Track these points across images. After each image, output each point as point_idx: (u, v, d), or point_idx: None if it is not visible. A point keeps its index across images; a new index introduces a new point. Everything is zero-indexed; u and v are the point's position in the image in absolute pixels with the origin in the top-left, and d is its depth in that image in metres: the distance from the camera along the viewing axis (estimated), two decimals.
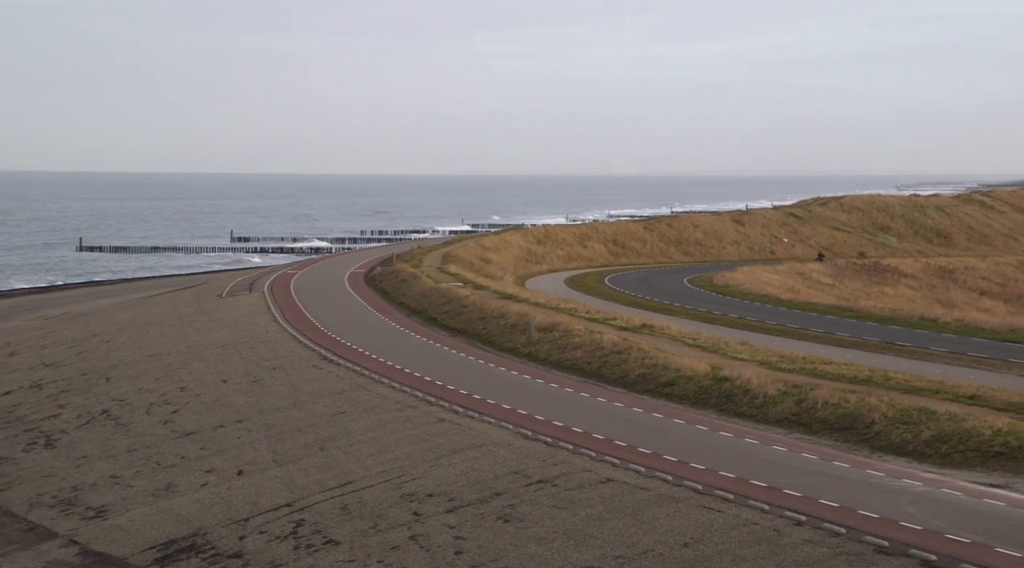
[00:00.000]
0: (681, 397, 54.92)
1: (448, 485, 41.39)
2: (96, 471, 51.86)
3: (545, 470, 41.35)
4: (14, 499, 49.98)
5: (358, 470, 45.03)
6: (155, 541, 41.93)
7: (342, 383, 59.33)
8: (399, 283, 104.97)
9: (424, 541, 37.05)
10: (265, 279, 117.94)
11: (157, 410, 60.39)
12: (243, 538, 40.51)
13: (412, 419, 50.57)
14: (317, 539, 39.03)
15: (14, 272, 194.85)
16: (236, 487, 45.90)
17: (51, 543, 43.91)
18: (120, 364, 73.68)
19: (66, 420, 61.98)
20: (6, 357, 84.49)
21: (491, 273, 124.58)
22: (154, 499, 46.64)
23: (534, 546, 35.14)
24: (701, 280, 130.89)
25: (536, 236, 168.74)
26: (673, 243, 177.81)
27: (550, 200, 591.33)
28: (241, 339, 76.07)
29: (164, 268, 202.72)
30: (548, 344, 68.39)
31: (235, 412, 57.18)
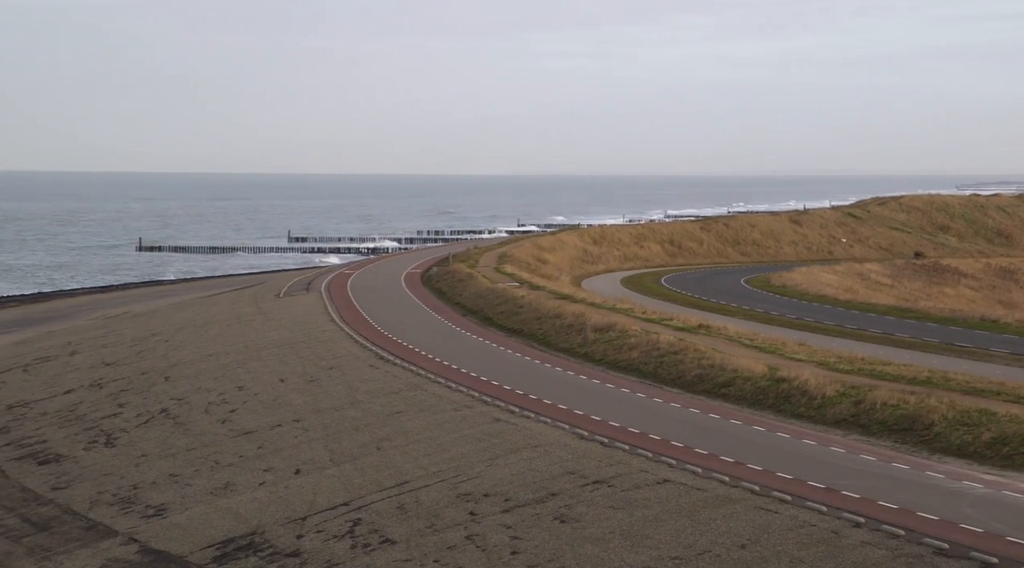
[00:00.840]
0: (738, 398, 54.66)
1: (504, 485, 41.40)
2: (155, 470, 52.27)
3: (601, 470, 41.28)
4: (75, 497, 50.46)
5: (414, 470, 45.13)
6: (213, 539, 42.20)
7: (398, 383, 59.48)
8: (455, 283, 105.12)
9: (480, 541, 37.08)
10: (322, 279, 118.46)
11: (215, 409, 60.78)
12: (300, 537, 40.70)
13: (468, 419, 50.62)
14: (374, 538, 39.16)
15: (76, 271, 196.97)
16: (293, 486, 46.12)
17: (111, 541, 44.29)
18: (179, 363, 74.24)
19: (126, 419, 62.52)
20: (68, 356, 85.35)
21: (547, 273, 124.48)
22: (212, 498, 46.94)
23: (590, 547, 35.09)
24: (758, 280, 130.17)
25: (592, 236, 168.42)
26: (730, 243, 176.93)
27: (606, 200, 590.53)
28: (298, 339, 76.44)
29: (223, 268, 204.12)
30: (604, 344, 68.26)
31: (292, 411, 57.46)
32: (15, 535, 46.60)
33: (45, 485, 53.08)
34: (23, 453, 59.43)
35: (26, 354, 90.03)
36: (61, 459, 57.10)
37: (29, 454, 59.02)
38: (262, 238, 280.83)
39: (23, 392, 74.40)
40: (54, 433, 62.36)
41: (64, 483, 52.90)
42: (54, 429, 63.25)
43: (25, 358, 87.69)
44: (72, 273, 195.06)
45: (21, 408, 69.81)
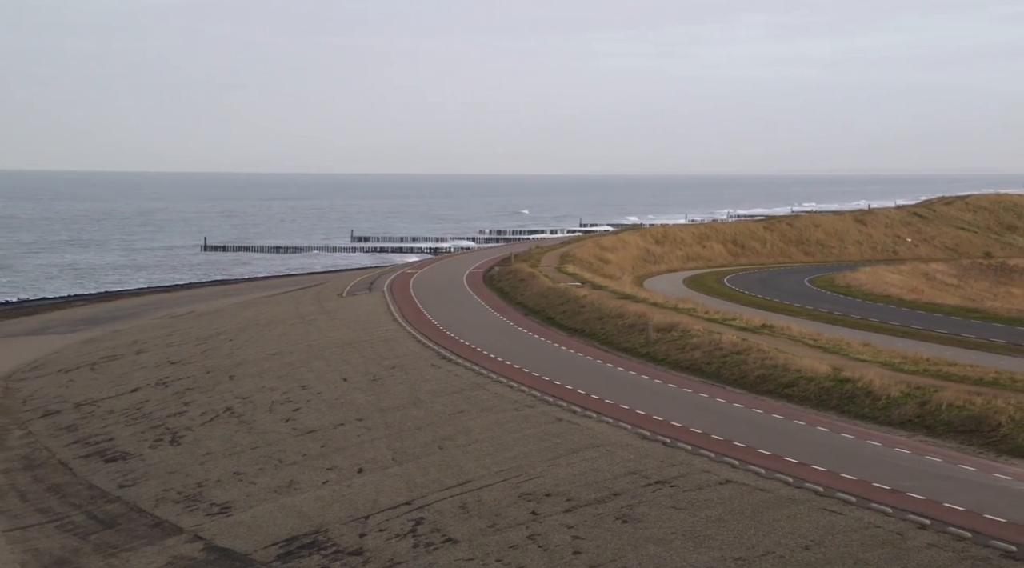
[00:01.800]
0: (801, 398, 54.32)
1: (566, 485, 41.40)
2: (220, 468, 52.68)
3: (664, 471, 41.18)
4: (141, 495, 50.96)
5: (477, 469, 45.21)
6: (278, 537, 42.48)
7: (461, 382, 59.61)
8: (517, 283, 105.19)
9: (542, 541, 37.09)
10: (385, 279, 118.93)
11: (279, 408, 61.17)
12: (363, 536, 40.88)
13: (530, 418, 50.65)
14: (436, 537, 39.27)
15: (142, 271, 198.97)
16: (356, 485, 46.33)
17: (177, 538, 44.69)
18: (243, 362, 74.77)
19: (191, 417, 63.05)
20: (134, 355, 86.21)
21: (609, 273, 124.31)
22: (276, 496, 47.23)
23: (653, 547, 35.02)
24: (822, 280, 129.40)
25: (654, 236, 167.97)
26: (794, 243, 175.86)
27: (668, 200, 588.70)
28: (361, 338, 76.77)
29: (286, 267, 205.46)
30: (666, 344, 68.08)
31: (355, 410, 57.72)
32: (82, 532, 47.16)
33: (112, 482, 53.67)
34: (90, 451, 60.12)
35: (93, 352, 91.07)
36: (127, 457, 57.69)
37: (96, 452, 59.69)
38: (325, 238, 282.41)
39: (91, 390, 75.25)
40: (121, 431, 63.03)
41: (130, 481, 53.44)
42: (121, 427, 63.93)
43: (92, 356, 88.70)
44: (138, 272, 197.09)
45: (89, 406, 70.62)
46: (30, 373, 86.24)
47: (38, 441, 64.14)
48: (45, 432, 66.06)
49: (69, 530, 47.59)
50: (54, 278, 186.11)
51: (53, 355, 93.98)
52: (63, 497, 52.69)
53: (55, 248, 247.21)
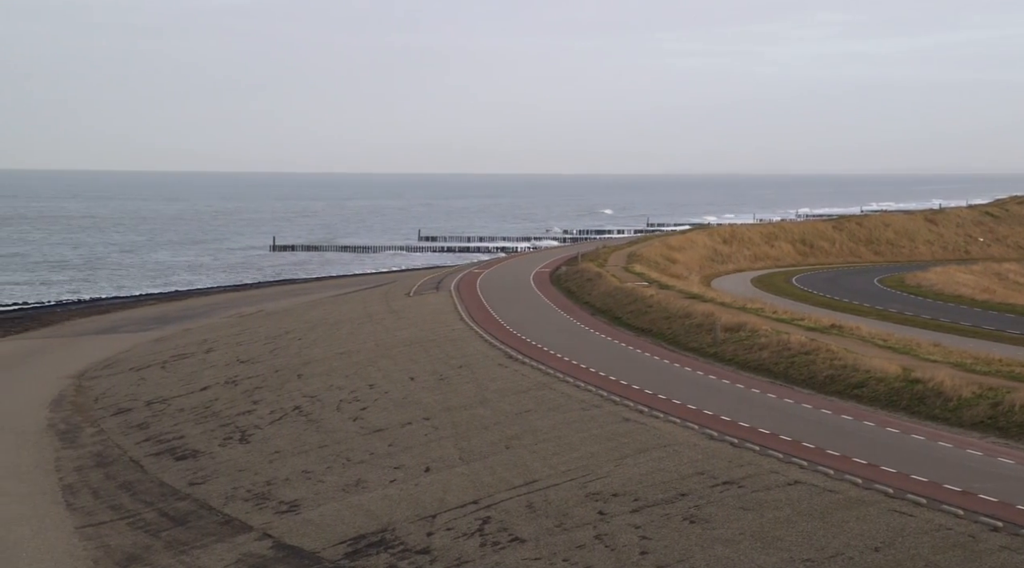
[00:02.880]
0: (871, 399, 53.89)
1: (633, 485, 41.31)
2: (289, 466, 53.02)
3: (731, 471, 40.99)
4: (211, 492, 51.40)
5: (543, 469, 45.21)
6: (345, 536, 42.70)
7: (527, 382, 59.62)
8: (584, 282, 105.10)
9: (609, 541, 37.04)
10: (451, 278, 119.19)
11: (347, 407, 61.47)
12: (430, 534, 41.00)
13: (597, 418, 50.58)
14: (503, 537, 39.31)
15: (211, 270, 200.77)
16: (424, 484, 46.47)
17: (246, 536, 45.02)
18: (311, 361, 75.21)
19: (260, 416, 63.50)
20: (204, 353, 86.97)
21: (676, 273, 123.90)
22: (344, 494, 47.47)
23: (720, 548, 34.87)
24: (892, 280, 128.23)
25: (722, 235, 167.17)
26: (863, 242, 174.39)
27: (735, 199, 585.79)
28: (428, 337, 76.99)
29: (353, 267, 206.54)
30: (734, 344, 67.76)
31: (423, 409, 57.89)
32: (154, 529, 47.63)
33: (182, 480, 54.17)
34: (161, 449, 60.73)
35: (164, 351, 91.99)
36: (198, 455, 58.20)
37: (167, 450, 60.29)
38: (393, 237, 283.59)
39: (161, 389, 76.02)
40: (191, 429, 63.60)
41: (200, 478, 53.90)
42: (191, 425, 64.52)
43: (163, 355, 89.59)
44: (208, 272, 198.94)
45: (159, 404, 71.33)
46: (102, 371, 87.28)
47: (110, 439, 64.89)
48: (117, 430, 66.83)
49: (140, 527, 48.10)
50: (126, 277, 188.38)
51: (124, 353, 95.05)
52: (134, 494, 53.26)
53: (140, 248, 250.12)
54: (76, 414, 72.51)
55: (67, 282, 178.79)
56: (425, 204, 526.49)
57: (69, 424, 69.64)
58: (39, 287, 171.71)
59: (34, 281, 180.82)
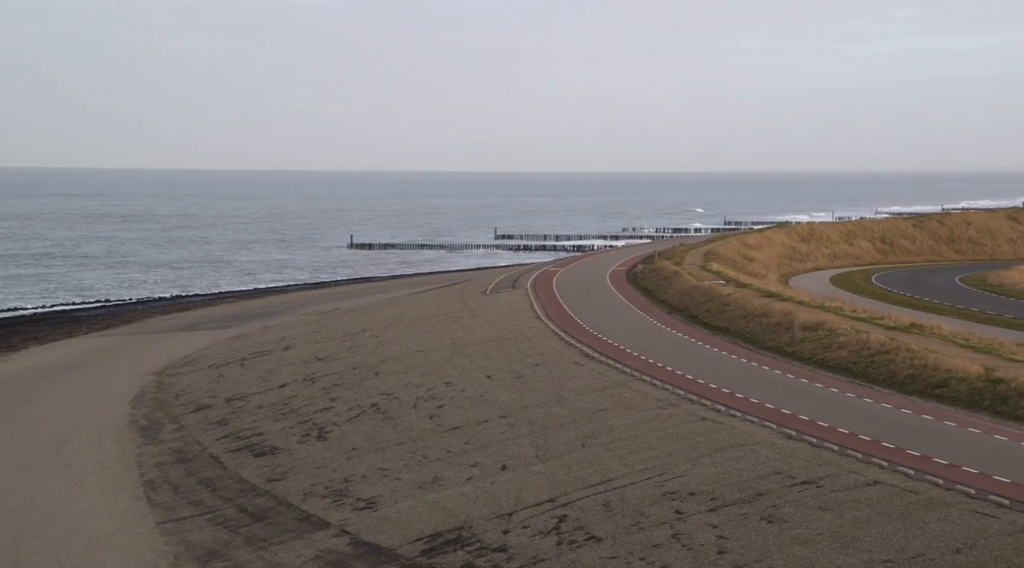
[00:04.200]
0: (952, 399, 53.23)
1: (710, 484, 41.11)
2: (366, 463, 53.27)
3: (810, 471, 40.67)
4: (289, 489, 51.77)
5: (620, 467, 45.11)
6: (422, 533, 42.84)
7: (603, 380, 59.52)
8: (660, 280, 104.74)
9: (686, 540, 36.89)
10: (528, 276, 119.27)
11: (423, 404, 61.68)
12: (507, 532, 41.04)
13: (674, 417, 50.39)
14: (580, 535, 39.27)
15: (290, 268, 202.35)
16: (500, 482, 46.53)
17: (324, 532, 45.30)
18: (388, 359, 75.54)
19: (337, 413, 63.87)
20: (282, 351, 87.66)
21: (754, 271, 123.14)
22: (421, 492, 47.62)
23: (798, 548, 34.62)
24: (974, 279, 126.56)
25: (800, 234, 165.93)
26: (944, 241, 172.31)
27: (813, 197, 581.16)
28: (504, 335, 77.07)
29: (430, 264, 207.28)
30: (812, 343, 67.23)
31: (499, 408, 57.96)
32: (233, 525, 48.07)
33: (261, 476, 54.61)
34: (240, 445, 61.27)
35: (243, 348, 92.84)
36: (276, 451, 58.64)
37: (246, 446, 60.82)
38: (469, 235, 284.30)
39: (240, 386, 76.72)
40: (269, 426, 64.12)
41: (279, 475, 54.30)
42: (269, 422, 65.04)
43: (242, 352, 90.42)
44: (286, 270, 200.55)
45: (238, 401, 71.98)
46: (182, 368, 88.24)
47: (190, 435, 65.58)
48: (196, 426, 67.53)
49: (220, 523, 48.56)
50: (205, 274, 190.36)
51: (204, 350, 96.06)
52: (214, 490, 53.78)
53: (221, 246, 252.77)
54: (157, 410, 73.36)
55: (148, 279, 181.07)
56: (503, 201, 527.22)
57: (150, 420, 70.49)
58: (123, 284, 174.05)
59: (118, 278, 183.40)
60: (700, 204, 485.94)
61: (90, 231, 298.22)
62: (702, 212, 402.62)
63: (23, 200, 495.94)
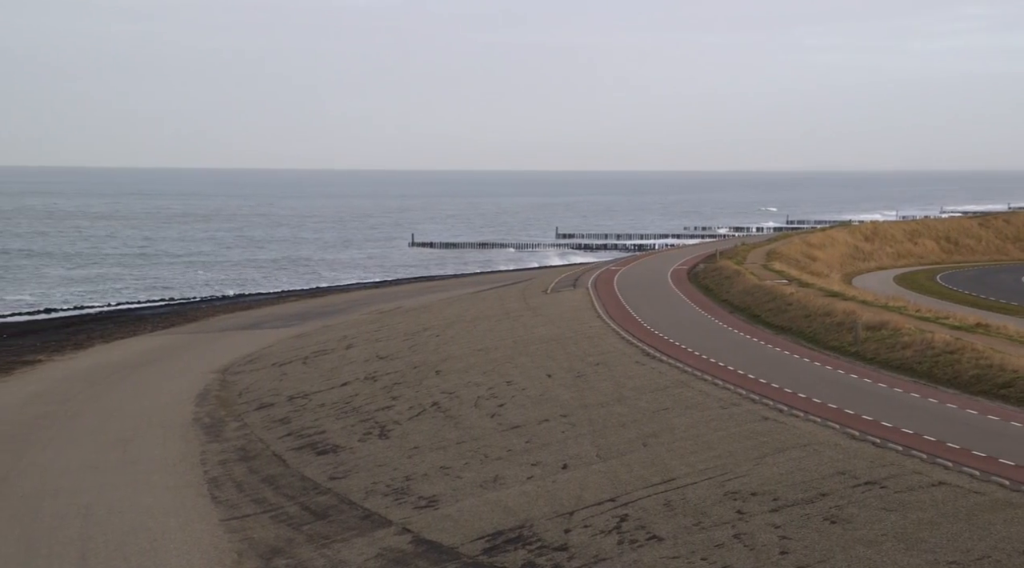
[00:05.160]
0: (1018, 399, 52.58)
1: (772, 484, 40.92)
2: (427, 462, 53.43)
3: (873, 471, 40.38)
4: (351, 487, 52.01)
5: (681, 467, 45.00)
6: (483, 531, 42.92)
7: (665, 379, 59.38)
8: (722, 280, 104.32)
9: (748, 540, 36.74)
10: (589, 275, 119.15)
11: (484, 403, 61.78)
12: (568, 531, 41.03)
13: (735, 417, 50.19)
14: (641, 535, 39.21)
15: (352, 267, 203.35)
16: (561, 481, 46.52)
17: (385, 530, 45.48)
18: (449, 358, 75.72)
19: (399, 411, 64.10)
20: (343, 349, 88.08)
21: (816, 270, 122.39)
22: (482, 490, 47.71)
23: (862, 548, 34.39)
24: None
25: (864, 233, 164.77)
26: (1011, 240, 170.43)
27: (877, 196, 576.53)
28: (565, 334, 77.05)
29: (491, 263, 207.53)
30: (875, 343, 66.70)
31: (560, 407, 57.95)
32: (296, 522, 48.36)
33: (323, 474, 54.91)
34: (303, 443, 61.63)
35: (305, 347, 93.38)
36: (338, 449, 58.93)
37: (308, 444, 61.16)
38: (531, 235, 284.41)
39: (302, 384, 77.17)
40: (331, 424, 64.45)
41: (341, 473, 54.57)
42: (331, 420, 65.37)
43: (304, 351, 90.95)
44: (348, 268, 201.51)
45: (301, 399, 72.41)
46: (245, 366, 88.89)
47: (253, 433, 66.05)
48: (260, 424, 67.99)
49: (283, 520, 48.86)
50: (269, 274, 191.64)
51: (267, 349, 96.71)
52: (277, 488, 54.12)
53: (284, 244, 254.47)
54: (220, 408, 73.94)
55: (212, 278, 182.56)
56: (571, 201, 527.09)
57: (214, 418, 71.06)
58: (187, 282, 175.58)
59: (183, 276, 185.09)
60: (772, 203, 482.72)
61: (162, 231, 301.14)
62: (775, 211, 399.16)
63: (99, 199, 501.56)
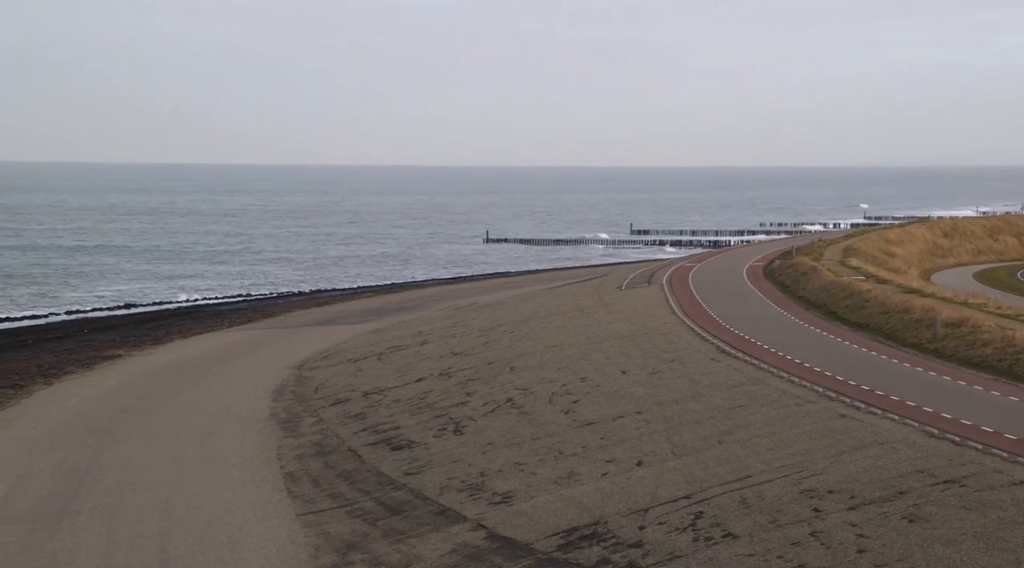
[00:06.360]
0: None
1: (849, 482, 40.57)
2: (501, 458, 53.49)
3: (952, 470, 39.92)
4: (426, 483, 52.19)
5: (757, 464, 44.73)
6: (558, 528, 42.91)
7: (740, 376, 59.05)
8: (798, 276, 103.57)
9: (825, 538, 36.46)
10: (663, 272, 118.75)
11: (559, 400, 61.76)
12: (642, 528, 40.93)
13: (812, 414, 49.82)
14: (716, 532, 39.03)
15: (427, 263, 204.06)
16: (635, 478, 46.42)
17: (460, 526, 45.59)
18: (523, 354, 75.77)
19: (473, 407, 64.23)
20: (418, 345, 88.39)
21: (894, 267, 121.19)
22: (556, 487, 47.69)
23: (941, 548, 34.01)
24: None
25: (943, 229, 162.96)
26: None
27: (956, 192, 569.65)
28: (639, 331, 76.86)
29: (565, 260, 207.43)
30: (955, 340, 65.92)
31: (634, 403, 57.82)
32: (371, 518, 48.60)
33: (398, 470, 55.14)
34: (378, 439, 61.94)
35: (380, 343, 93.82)
36: (413, 445, 59.15)
37: (383, 440, 61.46)
38: (605, 230, 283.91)
39: (378, 380, 77.53)
40: (406, 420, 64.71)
41: (416, 469, 54.78)
42: (406, 416, 65.63)
43: (379, 347, 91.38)
44: (423, 264, 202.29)
45: (376, 395, 72.76)
46: (321, 362, 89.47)
47: (329, 428, 66.45)
48: (335, 419, 68.40)
49: (358, 515, 49.13)
50: (347, 269, 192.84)
51: (342, 345, 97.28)
52: (352, 483, 54.42)
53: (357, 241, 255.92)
54: (297, 404, 74.47)
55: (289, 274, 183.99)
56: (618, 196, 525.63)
57: (290, 413, 71.58)
58: (263, 278, 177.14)
59: (260, 273, 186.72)
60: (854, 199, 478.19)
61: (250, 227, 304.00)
62: (866, 207, 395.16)
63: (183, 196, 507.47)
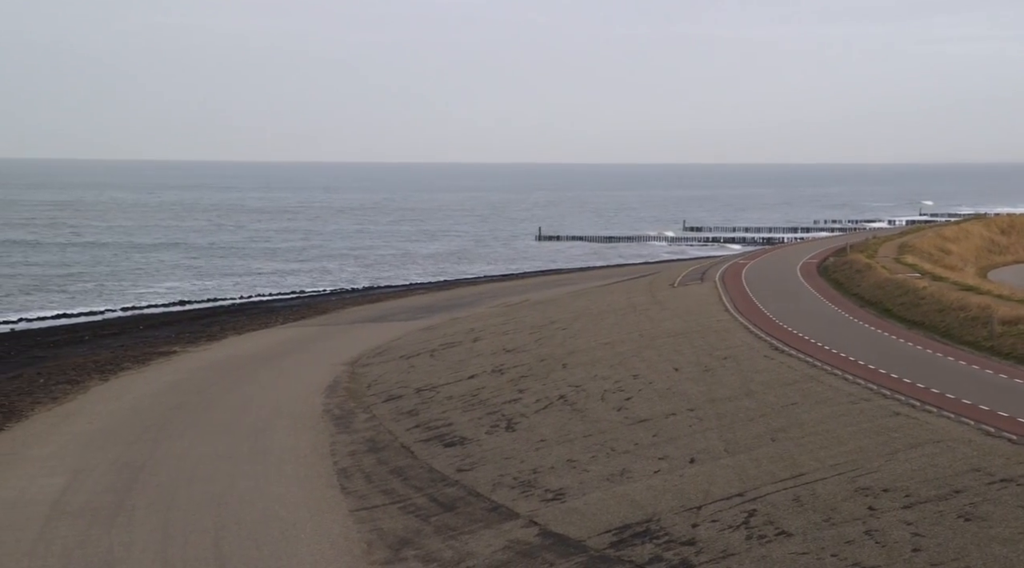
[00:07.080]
0: None
1: (905, 480, 40.29)
2: (554, 455, 53.49)
3: (1010, 469, 39.55)
4: (479, 479, 52.26)
5: (810, 462, 44.50)
6: (610, 525, 42.87)
7: (793, 374, 58.76)
8: (852, 273, 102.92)
9: (880, 537, 36.23)
10: (716, 269, 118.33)
11: (611, 397, 61.69)
12: (695, 526, 40.82)
13: (866, 412, 49.50)
14: (769, 530, 38.87)
15: (479, 260, 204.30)
16: (688, 475, 46.30)
17: (512, 523, 45.63)
18: (576, 351, 75.72)
19: (525, 404, 64.26)
20: (471, 342, 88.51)
21: (950, 264, 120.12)
22: (609, 484, 47.64)
23: (998, 547, 33.71)
24: None
25: (1000, 226, 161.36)
26: None
27: (1015, 188, 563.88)
28: (692, 328, 76.63)
29: (618, 256, 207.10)
30: (1012, 338, 65.27)
31: (687, 401, 57.67)
32: (424, 514, 48.72)
33: (451, 466, 55.25)
34: (430, 435, 62.08)
35: (432, 339, 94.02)
36: (465, 442, 59.25)
37: (436, 436, 61.60)
38: (659, 227, 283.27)
39: (430, 376, 77.71)
40: (458, 417, 64.82)
41: (468, 465, 54.86)
42: (458, 413, 65.75)
43: (432, 343, 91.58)
44: (475, 261, 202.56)
45: (429, 391, 72.93)
46: (374, 359, 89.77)
47: (382, 424, 66.67)
48: (388, 416, 68.62)
49: (411, 512, 49.26)
50: (399, 267, 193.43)
51: (395, 341, 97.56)
52: (405, 479, 54.57)
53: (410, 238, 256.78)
54: (350, 400, 74.76)
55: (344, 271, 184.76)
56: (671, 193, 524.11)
57: (343, 410, 71.87)
58: (317, 275, 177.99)
59: (313, 269, 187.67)
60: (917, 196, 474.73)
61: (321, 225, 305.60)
62: (931, 204, 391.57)
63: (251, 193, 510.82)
